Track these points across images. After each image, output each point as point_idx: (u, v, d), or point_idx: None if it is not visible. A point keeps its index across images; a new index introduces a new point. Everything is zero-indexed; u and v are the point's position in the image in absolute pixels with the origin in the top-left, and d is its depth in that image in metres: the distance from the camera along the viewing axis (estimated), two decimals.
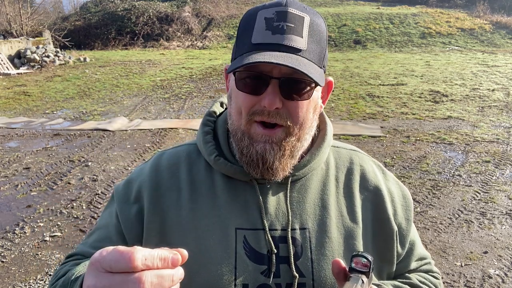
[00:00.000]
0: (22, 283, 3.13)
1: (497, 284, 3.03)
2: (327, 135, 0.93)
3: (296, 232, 0.85)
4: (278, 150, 0.81)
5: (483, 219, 3.96)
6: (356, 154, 0.98)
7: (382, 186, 0.94)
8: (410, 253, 0.95)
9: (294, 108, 0.80)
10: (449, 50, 18.26)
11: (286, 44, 0.75)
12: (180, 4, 24.45)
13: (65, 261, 0.93)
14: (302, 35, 0.77)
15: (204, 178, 0.90)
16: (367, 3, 27.58)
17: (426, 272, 0.99)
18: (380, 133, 6.69)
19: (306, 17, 0.78)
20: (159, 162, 0.95)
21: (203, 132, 0.94)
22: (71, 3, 28.21)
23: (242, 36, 0.80)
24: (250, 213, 0.86)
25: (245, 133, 0.82)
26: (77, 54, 16.97)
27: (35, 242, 3.68)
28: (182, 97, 9.66)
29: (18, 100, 9.72)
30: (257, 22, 0.77)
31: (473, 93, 9.44)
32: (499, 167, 5.23)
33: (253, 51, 0.76)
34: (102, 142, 6.49)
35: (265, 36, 0.76)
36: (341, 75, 12.15)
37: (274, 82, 0.77)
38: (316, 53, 0.79)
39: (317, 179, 0.91)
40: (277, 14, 0.76)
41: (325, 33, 0.83)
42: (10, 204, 4.41)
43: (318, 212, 0.88)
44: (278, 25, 0.76)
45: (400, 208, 0.94)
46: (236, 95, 0.82)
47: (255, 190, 0.87)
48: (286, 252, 0.84)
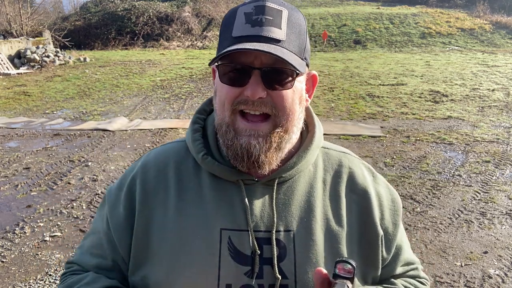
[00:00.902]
0: (22, 283, 3.13)
1: (497, 284, 3.03)
2: (315, 137, 0.93)
3: (280, 234, 0.85)
4: (264, 143, 0.81)
5: (483, 219, 3.96)
6: (345, 156, 0.97)
7: (371, 189, 0.93)
8: (396, 258, 0.94)
9: (278, 97, 0.80)
10: (449, 50, 18.26)
11: (265, 35, 0.77)
12: (180, 4, 24.45)
13: (66, 270, 0.97)
14: (281, 27, 0.79)
15: (192, 177, 0.90)
16: (367, 3, 27.59)
17: (412, 277, 0.98)
18: (380, 133, 6.69)
19: (284, 11, 0.80)
20: (147, 161, 0.95)
21: (192, 130, 0.94)
22: (71, 3, 28.22)
23: (223, 33, 0.83)
24: (236, 214, 0.86)
25: (230, 126, 0.83)
26: (77, 54, 16.98)
27: (35, 242, 3.68)
28: (182, 97, 9.66)
29: (18, 100, 9.72)
30: (237, 18, 0.80)
31: (473, 93, 9.44)
32: (499, 167, 5.23)
33: (233, 43, 0.77)
34: (102, 142, 6.49)
35: (244, 29, 0.78)
36: (341, 75, 12.15)
37: (256, 73, 0.78)
38: (296, 44, 0.81)
39: (304, 181, 0.90)
40: (255, 8, 0.79)
41: (305, 26, 0.84)
42: (10, 204, 4.41)
43: (304, 214, 0.87)
44: (257, 18, 0.78)
45: (387, 212, 0.93)
46: (220, 88, 0.83)
47: (241, 190, 0.86)
48: (269, 253, 0.84)
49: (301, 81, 0.86)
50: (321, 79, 11.57)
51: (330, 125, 7.16)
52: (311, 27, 22.12)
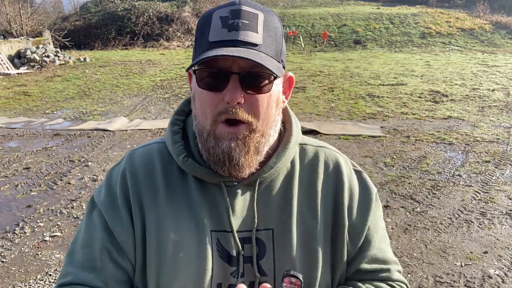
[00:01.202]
0: (22, 283, 3.13)
1: (497, 284, 3.03)
2: (292, 135, 0.93)
3: (260, 232, 0.88)
4: (243, 146, 0.82)
5: (483, 219, 3.96)
6: (322, 150, 0.98)
7: (344, 182, 0.94)
8: (362, 253, 0.93)
9: (255, 103, 0.81)
10: (449, 50, 18.26)
11: (242, 39, 0.77)
12: (180, 4, 24.45)
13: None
14: (257, 31, 0.79)
15: (179, 180, 0.90)
16: (367, 3, 27.59)
17: (382, 280, 0.95)
18: (380, 133, 6.69)
19: (260, 14, 0.80)
20: (132, 162, 0.93)
21: (172, 131, 0.93)
22: (71, 3, 28.22)
23: (199, 37, 0.82)
24: (220, 215, 0.87)
25: (211, 134, 0.83)
26: (77, 54, 16.98)
27: (35, 242, 3.68)
28: (182, 97, 9.66)
29: (18, 100, 9.72)
30: (213, 22, 0.79)
31: (473, 93, 9.44)
32: (499, 167, 5.23)
33: (210, 48, 0.77)
34: (102, 142, 6.49)
35: (221, 34, 0.78)
36: (341, 75, 12.15)
37: (234, 77, 0.78)
38: (273, 48, 0.81)
39: (283, 179, 0.92)
40: (231, 12, 0.79)
41: (280, 29, 0.85)
42: (10, 204, 4.41)
43: (283, 212, 0.89)
44: (233, 22, 0.78)
45: (356, 205, 0.93)
46: (199, 95, 0.83)
47: (222, 192, 0.88)
48: (250, 252, 0.87)
49: (278, 84, 0.86)
50: (321, 79, 11.57)
51: (330, 125, 7.16)
52: (311, 27, 22.12)
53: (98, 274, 0.86)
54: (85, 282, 0.85)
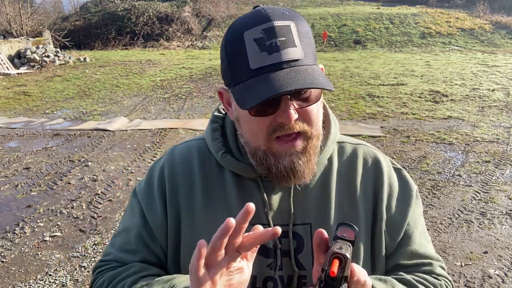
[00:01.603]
0: (22, 283, 3.13)
1: (497, 284, 3.03)
2: (331, 133, 0.95)
3: (298, 227, 0.89)
4: (304, 157, 0.83)
5: (483, 219, 3.96)
6: (360, 147, 0.99)
7: (384, 178, 0.94)
8: (401, 247, 0.93)
9: (307, 113, 0.81)
10: (449, 50, 18.26)
11: (285, 59, 0.75)
12: (180, 4, 24.45)
13: (103, 268, 0.95)
14: (295, 44, 0.76)
15: (216, 174, 0.93)
16: (367, 3, 27.59)
17: (425, 273, 0.94)
18: (380, 133, 6.69)
19: (291, 24, 0.77)
20: (172, 157, 0.98)
21: (212, 128, 0.96)
22: (71, 3, 28.22)
23: (235, 62, 0.79)
24: (257, 209, 0.88)
25: (268, 152, 0.83)
26: (77, 54, 16.98)
27: (35, 242, 3.68)
28: (182, 97, 9.66)
29: (18, 100, 9.72)
30: (247, 46, 0.76)
31: (473, 93, 9.44)
32: (499, 167, 5.23)
33: (256, 76, 0.75)
34: (102, 142, 6.49)
35: (263, 59, 0.75)
36: (341, 75, 12.15)
37: (284, 98, 0.77)
38: (311, 55, 0.80)
39: (320, 175, 0.93)
40: (265, 32, 0.75)
41: (310, 30, 0.83)
42: (10, 204, 4.41)
43: (320, 207, 0.90)
44: (271, 43, 0.75)
45: (395, 200, 0.94)
46: (248, 120, 0.81)
47: (259, 186, 0.90)
48: (287, 246, 0.88)
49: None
50: None
51: None
52: (311, 27, 22.05)
53: (133, 256, 0.93)
54: (122, 261, 0.94)
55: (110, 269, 0.94)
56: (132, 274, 0.89)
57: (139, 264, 0.91)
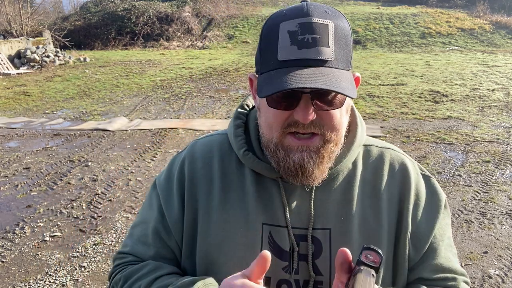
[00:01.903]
0: (22, 283, 3.13)
1: (497, 284, 3.03)
2: (357, 137, 0.91)
3: (317, 231, 0.87)
4: (317, 157, 0.80)
5: (483, 219, 3.96)
6: (387, 152, 0.94)
7: (411, 185, 0.90)
8: (426, 261, 0.89)
9: (327, 117, 0.79)
10: (449, 50, 18.26)
11: (314, 58, 0.73)
12: (180, 4, 24.45)
13: (120, 261, 0.96)
14: (328, 45, 0.74)
15: (235, 171, 0.92)
16: (367, 3, 27.59)
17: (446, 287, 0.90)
18: (380, 133, 6.69)
19: (330, 24, 0.75)
20: (193, 151, 0.97)
21: (234, 125, 0.94)
22: (71, 3, 28.22)
23: (266, 51, 0.78)
24: (275, 210, 0.87)
25: (279, 145, 0.81)
26: (77, 54, 16.97)
27: (35, 242, 3.68)
28: (182, 97, 9.66)
29: (18, 100, 9.72)
30: (280, 37, 0.75)
31: (473, 93, 9.44)
32: (499, 167, 5.23)
33: (281, 68, 0.74)
34: (102, 142, 6.49)
35: (291, 52, 0.74)
36: None
37: (305, 97, 0.76)
38: (344, 59, 0.78)
39: (343, 179, 0.89)
40: (300, 26, 0.74)
41: (350, 34, 0.81)
42: (10, 204, 4.41)
43: (342, 212, 0.87)
44: (303, 38, 0.73)
45: (422, 210, 0.90)
46: (266, 110, 0.81)
47: (279, 187, 0.88)
48: (305, 250, 0.86)
49: None
50: None
51: None
52: None
53: (149, 249, 0.93)
54: (138, 254, 0.95)
55: (126, 264, 0.95)
56: (146, 275, 0.88)
57: (153, 263, 0.91)
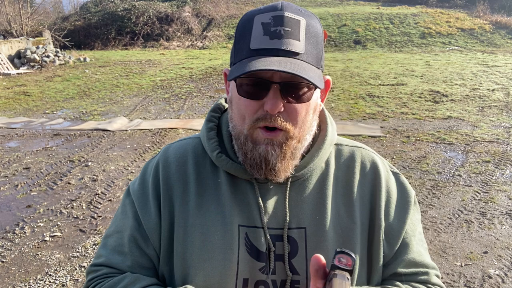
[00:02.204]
0: (22, 283, 3.13)
1: (497, 284, 3.03)
2: (327, 136, 0.93)
3: (293, 231, 0.88)
4: (280, 152, 0.83)
5: (483, 219, 3.95)
6: (358, 150, 0.97)
7: (382, 183, 0.93)
8: (399, 255, 0.91)
9: (294, 111, 0.81)
10: (449, 50, 18.26)
11: (284, 48, 0.76)
12: (180, 4, 24.45)
13: (94, 275, 0.92)
14: (299, 39, 0.78)
15: (210, 174, 0.92)
16: (367, 3, 27.58)
17: (420, 282, 0.92)
18: (380, 133, 6.69)
19: (302, 20, 0.79)
20: (167, 155, 0.97)
21: (207, 128, 0.95)
22: (71, 3, 28.22)
23: (240, 41, 0.81)
24: (251, 211, 0.88)
25: (248, 137, 0.84)
26: (77, 54, 16.97)
27: (35, 242, 3.68)
28: (182, 97, 9.66)
29: (18, 100, 9.72)
30: (254, 28, 0.78)
31: (473, 93, 9.44)
32: (499, 167, 5.23)
33: (252, 56, 0.77)
34: (102, 142, 6.49)
35: (263, 42, 0.77)
36: (341, 75, 12.14)
37: (275, 87, 0.78)
38: (314, 55, 0.80)
39: (317, 179, 0.91)
40: (273, 18, 0.77)
41: (321, 34, 0.83)
42: (10, 204, 4.41)
43: (316, 211, 0.89)
44: (276, 29, 0.77)
45: (394, 207, 0.92)
46: (237, 101, 0.83)
47: (254, 188, 0.89)
48: (282, 250, 0.87)
49: (317, 90, 0.86)
50: None
51: None
52: None
53: (125, 259, 0.91)
54: (114, 265, 0.91)
55: (102, 278, 0.91)
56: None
57: (132, 275, 0.88)
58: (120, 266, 0.91)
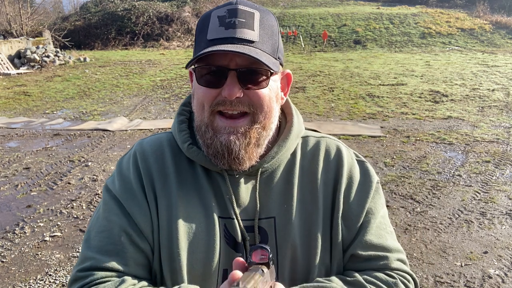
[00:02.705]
0: (22, 283, 3.13)
1: (497, 284, 3.03)
2: (293, 127, 0.96)
3: (262, 221, 0.90)
4: (244, 139, 0.84)
5: (483, 219, 3.95)
6: (323, 140, 1.00)
7: (344, 168, 0.95)
8: (357, 237, 0.91)
9: (255, 96, 0.83)
10: (449, 50, 18.26)
11: (238, 36, 0.80)
12: (180, 4, 24.45)
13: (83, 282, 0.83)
14: (253, 28, 0.82)
15: (188, 168, 0.93)
16: (367, 3, 27.58)
17: (380, 269, 0.89)
18: (380, 133, 6.69)
19: (256, 13, 0.84)
20: (142, 148, 0.96)
21: (178, 121, 0.97)
22: (71, 3, 28.23)
23: (199, 36, 0.86)
24: (225, 203, 0.90)
25: (209, 125, 0.85)
26: (77, 54, 16.97)
27: (35, 242, 3.68)
28: (182, 97, 9.66)
29: (18, 100, 9.72)
30: (211, 21, 0.83)
31: (473, 93, 9.44)
32: (499, 167, 5.23)
33: (208, 46, 0.81)
34: (102, 142, 6.49)
35: (218, 32, 0.81)
36: (341, 75, 12.15)
37: (232, 74, 0.81)
38: (269, 45, 0.84)
39: (284, 169, 0.94)
40: (228, 11, 0.82)
41: (276, 27, 0.88)
42: (10, 204, 4.41)
43: (284, 201, 0.91)
44: (230, 20, 0.81)
45: (355, 190, 0.94)
46: (197, 91, 0.86)
47: (225, 181, 0.90)
48: (253, 240, 0.89)
49: (276, 80, 0.89)
50: (321, 79, 11.57)
51: (330, 125, 7.17)
52: (311, 27, 22.12)
53: (119, 258, 0.85)
54: (106, 267, 0.84)
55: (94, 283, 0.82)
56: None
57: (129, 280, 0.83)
58: (114, 266, 0.84)
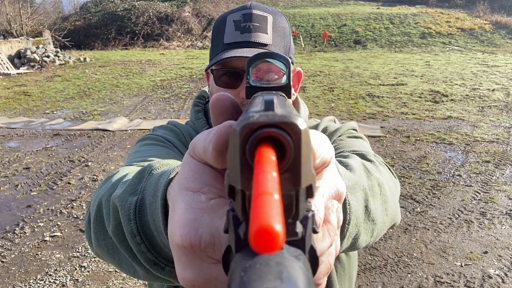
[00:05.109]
0: (22, 283, 3.13)
1: (497, 284, 3.03)
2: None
3: None
4: None
5: (483, 219, 3.95)
6: (318, 123, 1.07)
7: (320, 123, 1.04)
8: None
9: None
10: (449, 50, 18.26)
11: (253, 40, 0.86)
12: (180, 4, 24.45)
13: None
14: (267, 32, 0.88)
15: None
16: (367, 3, 27.59)
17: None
18: (380, 133, 6.69)
19: (269, 17, 0.89)
20: (178, 125, 1.05)
21: (195, 110, 1.06)
22: (71, 3, 28.23)
23: (216, 39, 0.91)
24: None
25: None
26: (77, 54, 16.97)
27: (35, 242, 3.68)
28: (182, 97, 9.66)
29: (18, 100, 9.72)
30: (227, 25, 0.88)
31: (473, 93, 9.44)
32: (499, 167, 5.23)
33: (225, 50, 0.86)
34: (102, 142, 6.49)
35: (235, 36, 0.87)
36: (341, 75, 12.14)
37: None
38: (281, 46, 0.90)
39: None
40: (243, 16, 0.88)
41: (288, 29, 0.93)
42: (10, 204, 4.41)
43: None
44: (245, 25, 0.87)
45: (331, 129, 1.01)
46: (216, 91, 0.91)
47: None
48: None
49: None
50: (321, 79, 11.57)
51: None
52: (311, 27, 22.11)
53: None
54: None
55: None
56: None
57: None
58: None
